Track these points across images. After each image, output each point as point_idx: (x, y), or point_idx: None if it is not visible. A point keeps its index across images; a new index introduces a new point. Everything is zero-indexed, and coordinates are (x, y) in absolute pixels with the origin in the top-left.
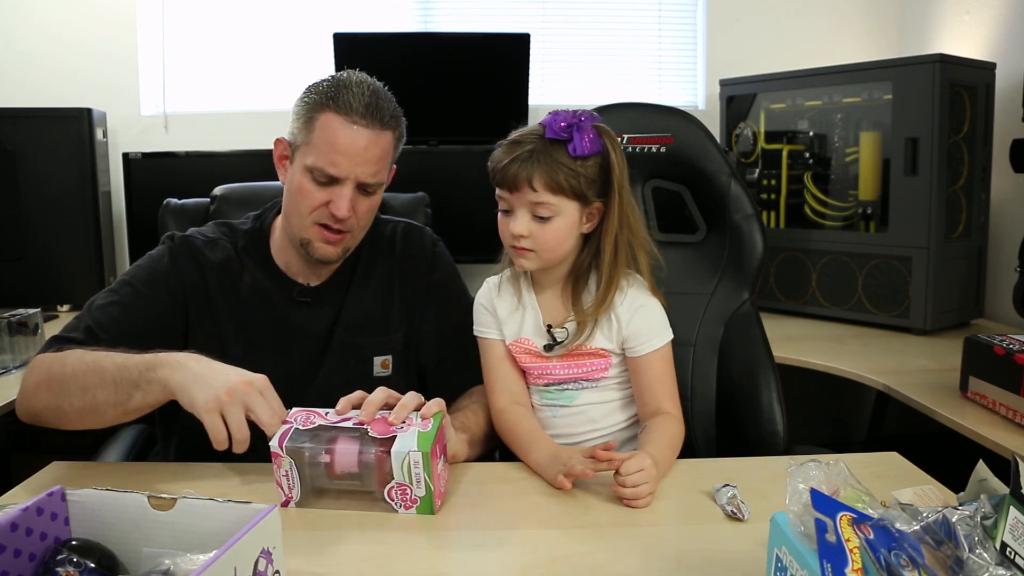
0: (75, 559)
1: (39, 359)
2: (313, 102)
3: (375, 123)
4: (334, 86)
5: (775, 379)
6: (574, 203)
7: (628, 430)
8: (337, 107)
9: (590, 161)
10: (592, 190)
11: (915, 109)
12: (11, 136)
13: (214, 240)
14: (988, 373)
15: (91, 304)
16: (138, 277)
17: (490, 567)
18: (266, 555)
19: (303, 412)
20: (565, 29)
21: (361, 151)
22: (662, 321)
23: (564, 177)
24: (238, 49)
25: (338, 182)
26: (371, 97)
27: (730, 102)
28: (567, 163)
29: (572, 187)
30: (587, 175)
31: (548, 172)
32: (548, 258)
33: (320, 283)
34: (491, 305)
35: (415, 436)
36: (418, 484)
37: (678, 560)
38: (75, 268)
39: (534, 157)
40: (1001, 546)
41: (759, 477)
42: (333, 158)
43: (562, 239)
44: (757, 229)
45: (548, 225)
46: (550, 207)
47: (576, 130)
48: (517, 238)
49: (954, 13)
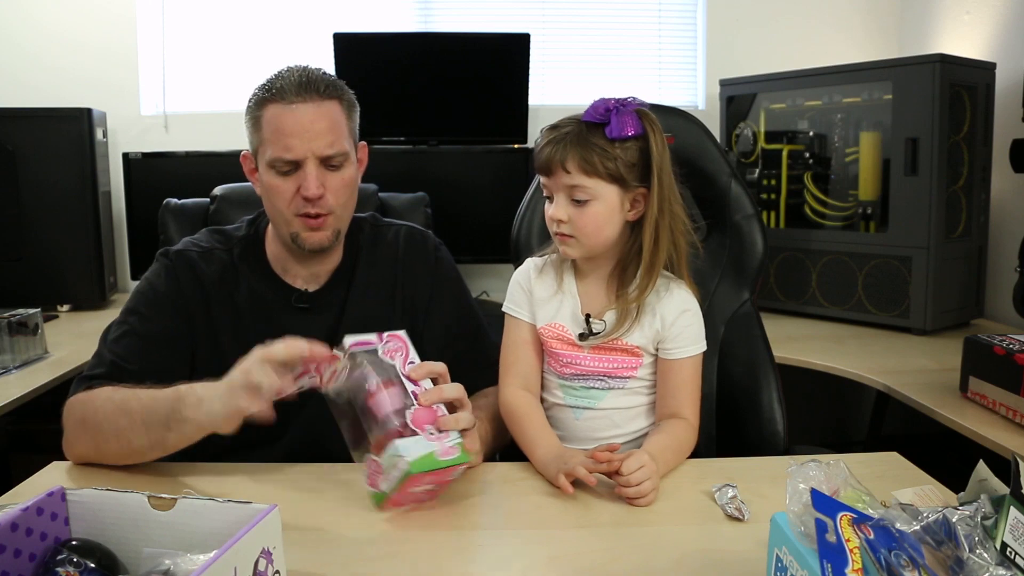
0: (75, 559)
1: (71, 403)
2: (254, 102)
3: (312, 95)
4: (267, 81)
5: (776, 379)
6: (612, 187)
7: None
8: (273, 95)
9: (628, 144)
10: (632, 174)
11: (915, 109)
12: (11, 136)
13: (209, 251)
14: (988, 373)
15: (105, 338)
16: (141, 303)
17: (490, 567)
18: (266, 555)
19: (399, 341)
20: (565, 29)
21: (308, 126)
22: (702, 330)
23: (599, 159)
24: (238, 49)
25: (299, 165)
26: (301, 75)
27: (730, 102)
28: (602, 145)
29: (608, 169)
30: (625, 158)
31: (582, 154)
32: (590, 244)
33: (318, 288)
34: (528, 285)
35: (424, 451)
36: (386, 480)
37: (678, 560)
38: (75, 268)
39: (568, 139)
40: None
41: (759, 477)
42: (284, 143)
43: (601, 224)
44: (758, 229)
45: (586, 209)
46: (586, 190)
47: (615, 113)
48: (557, 223)
49: (954, 13)
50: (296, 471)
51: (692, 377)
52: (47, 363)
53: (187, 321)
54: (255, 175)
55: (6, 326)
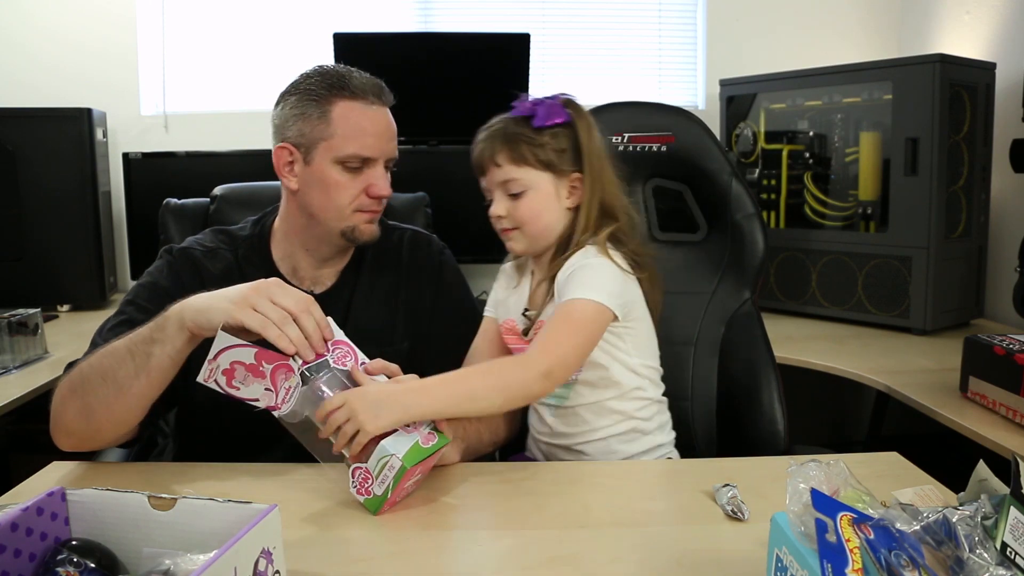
0: (75, 559)
1: (59, 384)
2: (320, 96)
3: (385, 100)
4: (335, 76)
5: (776, 379)
6: (545, 174)
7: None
8: (352, 93)
9: (556, 131)
10: (563, 160)
11: (915, 109)
12: (11, 136)
13: (213, 250)
14: (988, 373)
15: (101, 328)
16: (141, 295)
17: (490, 567)
18: (266, 555)
19: (346, 347)
20: (565, 29)
21: (385, 129)
22: (590, 280)
23: (527, 148)
24: (238, 49)
25: (370, 164)
26: (371, 79)
27: (730, 102)
28: (529, 135)
29: (537, 157)
30: (554, 145)
31: (510, 146)
32: (531, 234)
33: (324, 291)
34: (496, 286)
35: (410, 444)
36: (380, 483)
37: (678, 560)
38: (75, 268)
39: (496, 135)
40: (1001, 546)
41: (759, 477)
42: (364, 141)
43: (538, 212)
44: (758, 228)
45: (522, 201)
46: (519, 182)
47: (540, 105)
48: (498, 220)
49: (954, 13)
50: (296, 471)
51: (562, 317)
52: (47, 363)
53: None
54: (292, 168)
55: (6, 326)
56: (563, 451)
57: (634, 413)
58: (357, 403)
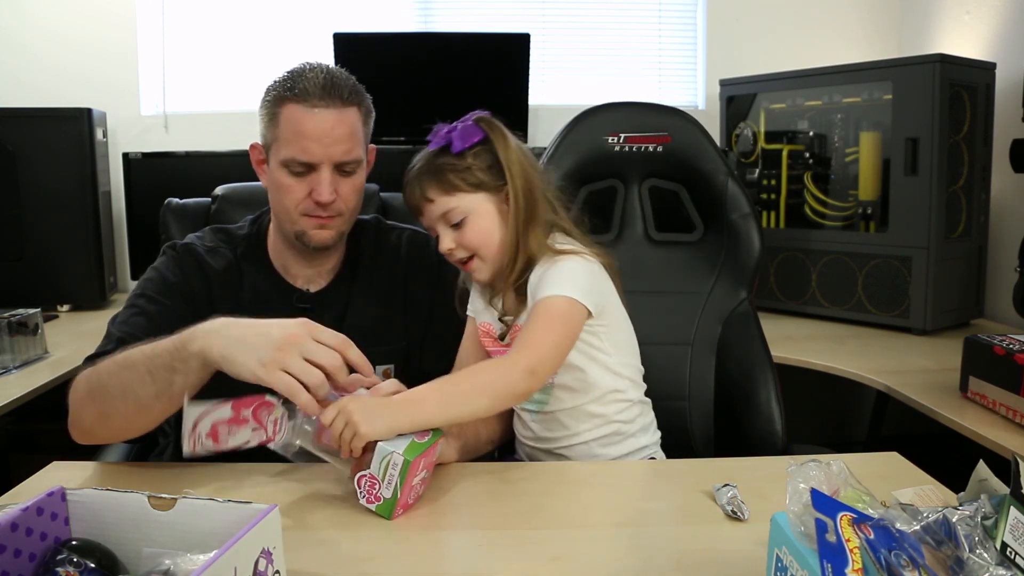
0: (75, 559)
1: (77, 379)
2: (273, 98)
3: (335, 101)
4: (290, 78)
5: (773, 378)
6: (479, 195)
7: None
8: (296, 96)
9: (476, 150)
10: (491, 177)
11: (915, 109)
12: (11, 136)
13: (214, 248)
14: (988, 373)
15: (113, 321)
16: (150, 288)
17: (490, 567)
18: (266, 555)
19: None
20: (565, 29)
21: (328, 132)
22: (563, 277)
23: (453, 176)
24: (238, 49)
25: (314, 168)
26: (326, 78)
27: (730, 102)
28: (452, 162)
29: (466, 181)
30: (479, 165)
31: (437, 178)
32: (490, 257)
33: (320, 289)
34: (473, 288)
35: (407, 441)
36: (388, 485)
37: (678, 560)
38: (75, 268)
39: (420, 172)
40: (1001, 546)
41: (759, 477)
42: (303, 145)
43: (487, 233)
44: (754, 228)
45: (467, 228)
46: (457, 210)
47: (454, 131)
48: (450, 254)
49: (954, 13)
50: (296, 471)
51: (539, 315)
52: (47, 363)
53: (193, 311)
54: (263, 167)
55: (6, 326)
56: (546, 455)
57: (614, 416)
58: (352, 407)
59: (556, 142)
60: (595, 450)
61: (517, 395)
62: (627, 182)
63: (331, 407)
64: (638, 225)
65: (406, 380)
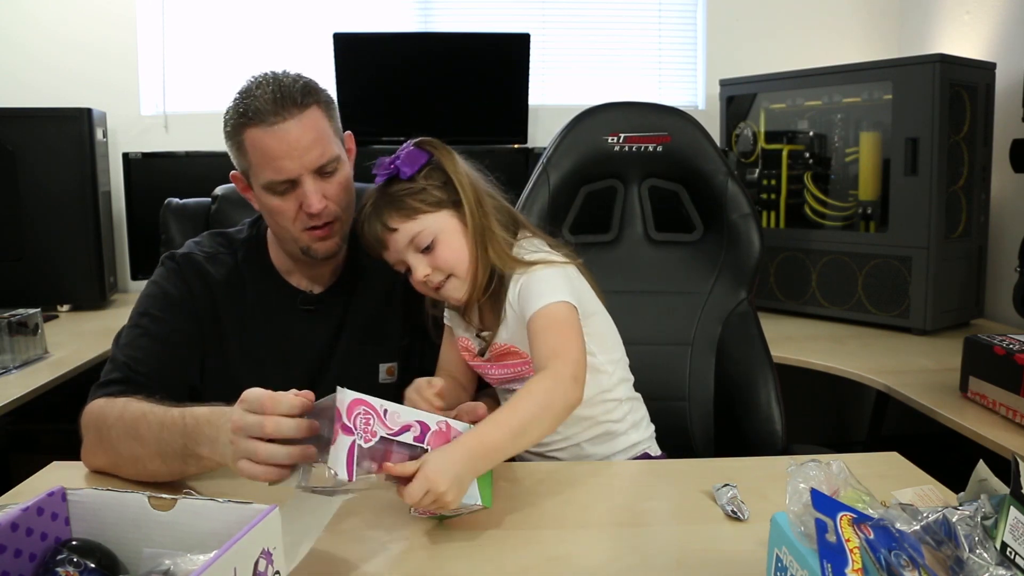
0: (75, 559)
1: (87, 414)
2: (232, 128)
3: (291, 109)
4: (240, 102)
5: (773, 378)
6: (442, 213)
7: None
8: (251, 120)
9: (425, 171)
10: (447, 194)
11: (915, 109)
12: (11, 136)
13: (214, 255)
14: (988, 373)
15: (117, 342)
16: (153, 306)
17: (490, 567)
18: (266, 555)
19: (363, 416)
20: (565, 29)
21: (295, 143)
22: (547, 286)
23: (412, 200)
24: (238, 49)
25: (295, 183)
26: (274, 90)
27: (730, 102)
28: (405, 187)
29: (425, 202)
30: (432, 183)
31: (395, 207)
32: (463, 274)
33: (323, 290)
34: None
35: (475, 484)
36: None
37: (678, 560)
38: (75, 268)
39: (375, 207)
40: (1001, 546)
41: (759, 477)
42: (276, 165)
43: (459, 249)
44: (754, 228)
45: (438, 248)
46: (425, 232)
47: (399, 159)
48: (426, 281)
49: (954, 13)
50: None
51: (547, 326)
52: (47, 363)
53: (197, 324)
54: (249, 193)
55: (6, 326)
56: (537, 457)
57: (602, 417)
58: (440, 484)
59: (556, 142)
60: (586, 450)
61: (571, 406)
62: (627, 182)
63: (418, 483)
64: (638, 225)
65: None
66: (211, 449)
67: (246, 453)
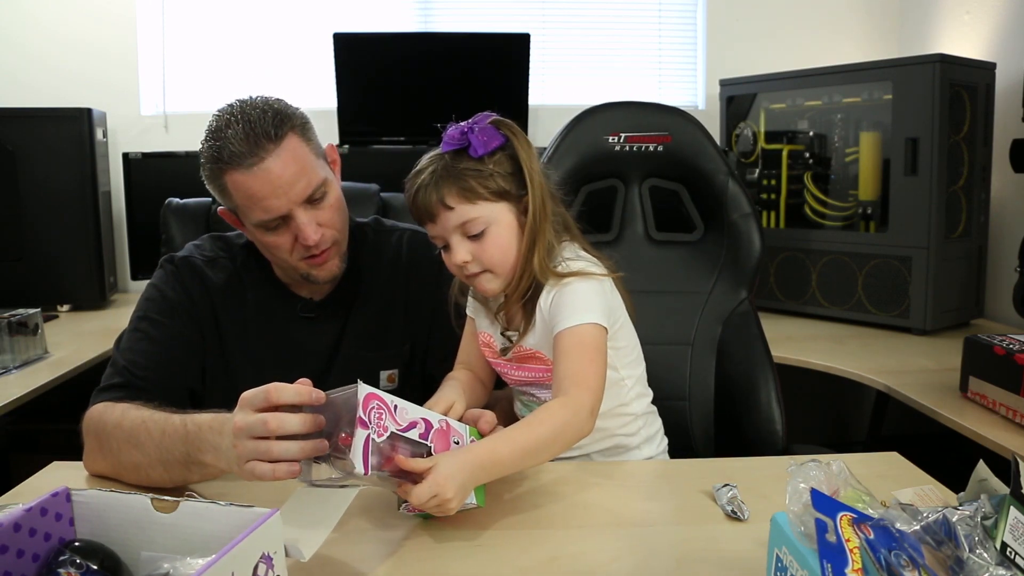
0: (77, 560)
1: (88, 419)
2: (210, 172)
3: (266, 146)
4: (214, 144)
5: (773, 378)
6: (501, 204)
7: (605, 440)
8: (228, 164)
9: (497, 156)
10: (512, 184)
11: (915, 109)
12: (11, 136)
13: (213, 259)
14: (988, 373)
15: (118, 346)
16: (152, 310)
17: (490, 567)
18: (266, 560)
19: (377, 410)
20: (565, 29)
21: (278, 180)
22: (582, 303)
23: (476, 182)
24: (238, 49)
25: (288, 217)
26: (245, 128)
27: (730, 102)
28: (474, 167)
29: (489, 189)
30: (500, 171)
31: (457, 184)
32: (505, 272)
33: (323, 297)
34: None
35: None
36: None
37: (678, 560)
38: (75, 268)
39: (437, 176)
40: (1001, 546)
41: (759, 477)
42: (263, 205)
43: (506, 247)
44: (755, 228)
45: (486, 240)
46: (478, 220)
47: (472, 133)
48: (463, 267)
49: (954, 13)
50: None
51: (573, 349)
52: (47, 363)
53: (197, 327)
54: (242, 228)
55: (6, 326)
56: None
57: (616, 430)
58: (448, 488)
59: (556, 142)
60: (596, 460)
61: (582, 436)
62: (627, 182)
63: (427, 486)
64: (638, 225)
65: (410, 383)
66: (215, 455)
67: (254, 454)
